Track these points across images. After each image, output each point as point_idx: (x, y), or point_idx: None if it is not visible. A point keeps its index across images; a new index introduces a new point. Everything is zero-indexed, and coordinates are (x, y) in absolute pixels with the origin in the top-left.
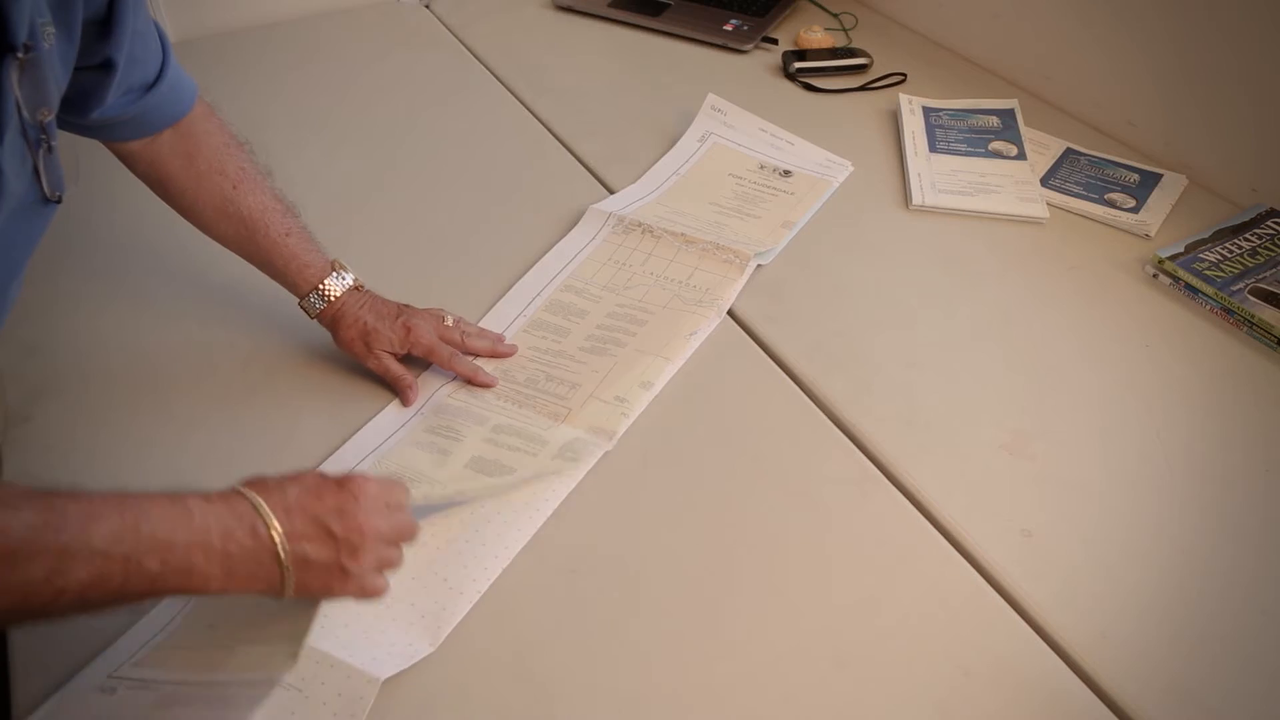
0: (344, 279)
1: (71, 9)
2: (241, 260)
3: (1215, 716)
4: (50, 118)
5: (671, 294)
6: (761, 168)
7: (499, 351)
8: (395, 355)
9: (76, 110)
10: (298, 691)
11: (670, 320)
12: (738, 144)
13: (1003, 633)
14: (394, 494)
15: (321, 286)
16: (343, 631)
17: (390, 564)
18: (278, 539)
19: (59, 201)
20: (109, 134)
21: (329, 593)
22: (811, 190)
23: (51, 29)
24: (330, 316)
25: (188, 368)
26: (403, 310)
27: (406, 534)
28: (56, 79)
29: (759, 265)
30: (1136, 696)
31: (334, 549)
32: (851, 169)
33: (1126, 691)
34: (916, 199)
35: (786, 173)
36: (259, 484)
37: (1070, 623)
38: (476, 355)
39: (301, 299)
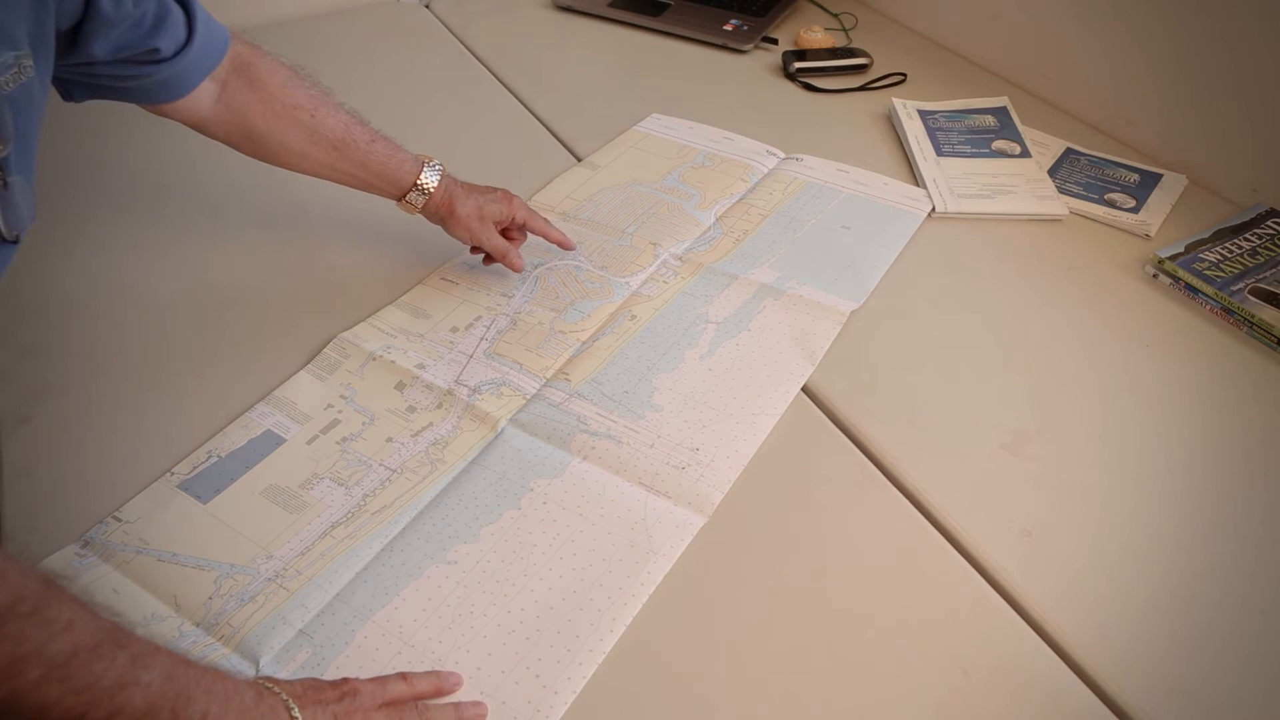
0: (435, 168)
1: (45, 29)
2: (239, 263)
3: (1215, 716)
4: (5, 153)
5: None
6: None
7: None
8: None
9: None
10: None
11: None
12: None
13: (1003, 633)
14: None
15: (420, 181)
16: None
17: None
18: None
19: (16, 241)
20: (165, 93)
21: None
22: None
23: (29, 60)
24: (437, 205)
25: (189, 368)
26: (485, 187)
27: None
28: (33, 108)
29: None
30: (1136, 696)
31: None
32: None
33: (1126, 691)
34: (940, 207)
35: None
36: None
37: (1070, 623)
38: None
39: (403, 198)
